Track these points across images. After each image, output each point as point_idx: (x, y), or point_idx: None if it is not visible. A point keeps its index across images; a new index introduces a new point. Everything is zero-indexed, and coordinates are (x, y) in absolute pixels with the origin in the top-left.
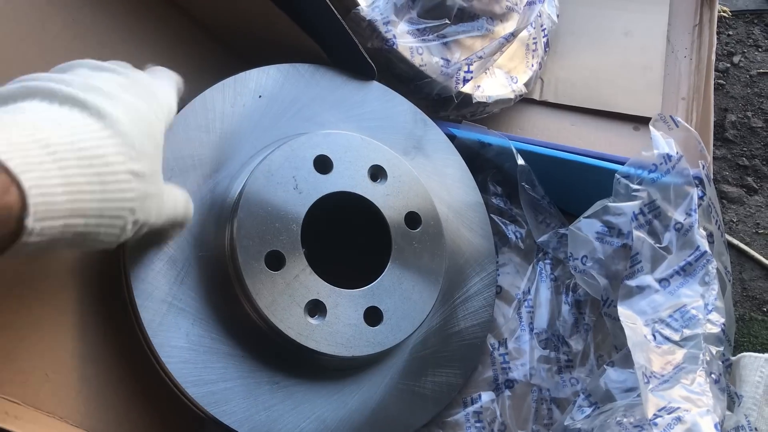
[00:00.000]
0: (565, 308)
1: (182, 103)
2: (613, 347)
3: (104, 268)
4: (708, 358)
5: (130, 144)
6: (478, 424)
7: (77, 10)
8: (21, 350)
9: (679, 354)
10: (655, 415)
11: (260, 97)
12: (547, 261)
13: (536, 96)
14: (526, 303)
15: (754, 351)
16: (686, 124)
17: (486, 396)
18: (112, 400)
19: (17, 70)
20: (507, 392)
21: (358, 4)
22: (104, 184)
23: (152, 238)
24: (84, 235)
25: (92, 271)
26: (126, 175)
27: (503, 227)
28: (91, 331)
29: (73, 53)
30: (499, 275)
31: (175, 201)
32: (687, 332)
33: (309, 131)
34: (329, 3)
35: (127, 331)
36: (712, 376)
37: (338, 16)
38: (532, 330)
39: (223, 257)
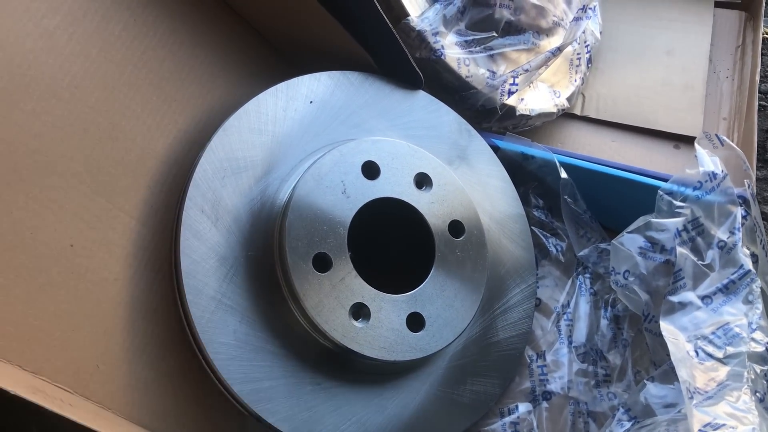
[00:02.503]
0: (603, 323)
1: (236, 105)
2: (651, 363)
3: (156, 263)
4: (752, 377)
5: None
6: None
7: (140, 11)
8: (74, 341)
9: (723, 371)
10: (700, 430)
11: (311, 102)
12: (587, 275)
13: (577, 111)
14: (565, 316)
15: None
16: (731, 143)
17: (523, 407)
18: (158, 393)
19: (80, 67)
20: (544, 404)
21: (408, 15)
22: None
23: None
24: None
25: (144, 266)
26: None
27: (544, 240)
28: (141, 325)
29: (133, 53)
30: (538, 287)
31: None
32: (730, 350)
33: (357, 137)
34: (382, 12)
35: (176, 326)
36: (757, 394)
37: (390, 25)
38: (570, 343)
39: (271, 257)
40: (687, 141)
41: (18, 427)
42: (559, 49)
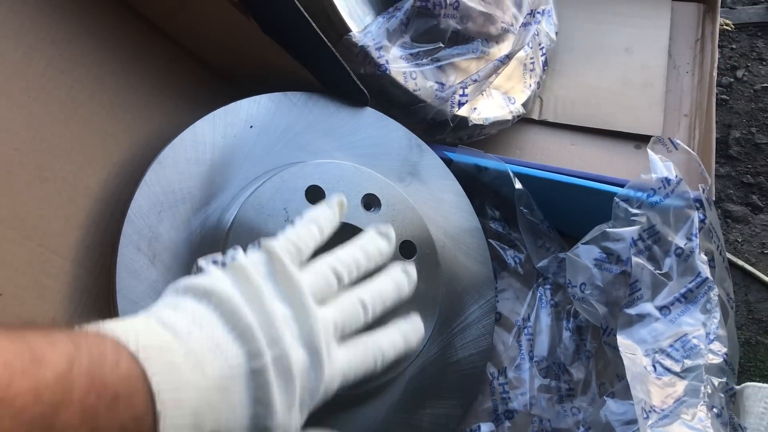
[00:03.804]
0: (566, 335)
1: (174, 134)
2: (615, 375)
3: (96, 304)
4: (710, 391)
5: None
6: None
7: (65, 44)
8: None
9: (680, 386)
10: None
11: (252, 127)
12: (547, 286)
13: (535, 116)
14: (526, 330)
15: (761, 376)
16: (686, 146)
17: (485, 427)
18: None
19: (2, 108)
20: (507, 423)
21: (349, 30)
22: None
23: None
24: None
25: (82, 309)
26: None
27: (502, 252)
28: None
29: (60, 89)
30: (498, 301)
31: None
32: (688, 363)
33: (302, 160)
34: (318, 31)
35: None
36: (714, 410)
37: (328, 44)
38: (532, 358)
39: None
40: (648, 141)
41: None
42: (508, 57)
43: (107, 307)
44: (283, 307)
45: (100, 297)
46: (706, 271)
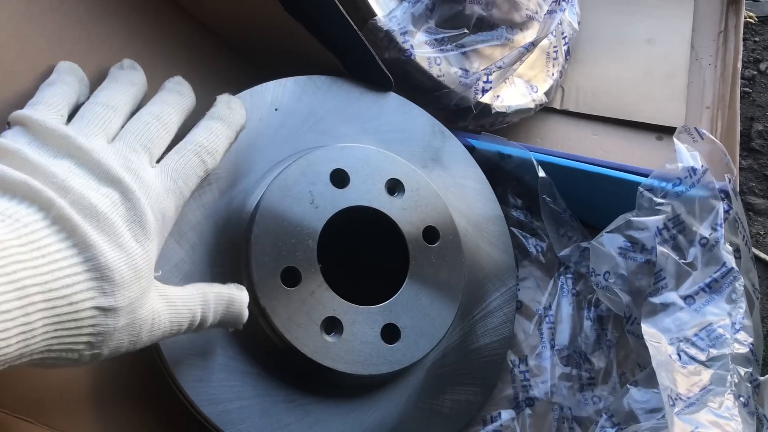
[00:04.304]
0: (587, 324)
1: (199, 116)
2: (637, 365)
3: None
4: (736, 380)
5: (108, 278)
6: None
7: (93, 25)
8: (36, 370)
9: (706, 375)
10: None
11: (276, 110)
12: (569, 275)
13: (557, 105)
14: (547, 318)
15: None
16: (711, 136)
17: (506, 414)
18: (126, 420)
19: (30, 85)
20: (527, 410)
21: (375, 15)
22: (60, 323)
23: None
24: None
25: None
26: (90, 311)
27: (524, 240)
28: None
29: (86, 69)
30: (519, 290)
31: (178, 315)
32: (714, 352)
33: (326, 144)
34: (345, 14)
35: (142, 349)
36: (741, 399)
37: (355, 27)
38: (553, 347)
39: (238, 274)
40: (669, 132)
41: None
42: (533, 44)
43: None
44: (61, 161)
45: None
46: (731, 261)
